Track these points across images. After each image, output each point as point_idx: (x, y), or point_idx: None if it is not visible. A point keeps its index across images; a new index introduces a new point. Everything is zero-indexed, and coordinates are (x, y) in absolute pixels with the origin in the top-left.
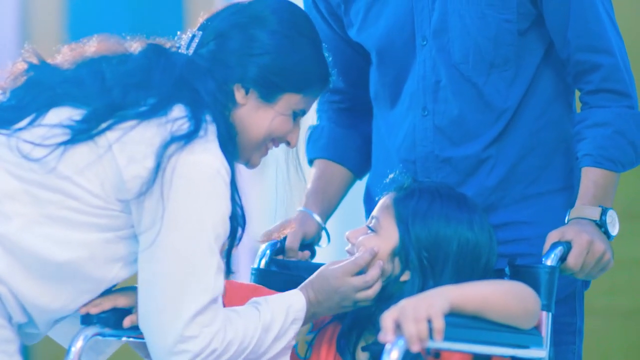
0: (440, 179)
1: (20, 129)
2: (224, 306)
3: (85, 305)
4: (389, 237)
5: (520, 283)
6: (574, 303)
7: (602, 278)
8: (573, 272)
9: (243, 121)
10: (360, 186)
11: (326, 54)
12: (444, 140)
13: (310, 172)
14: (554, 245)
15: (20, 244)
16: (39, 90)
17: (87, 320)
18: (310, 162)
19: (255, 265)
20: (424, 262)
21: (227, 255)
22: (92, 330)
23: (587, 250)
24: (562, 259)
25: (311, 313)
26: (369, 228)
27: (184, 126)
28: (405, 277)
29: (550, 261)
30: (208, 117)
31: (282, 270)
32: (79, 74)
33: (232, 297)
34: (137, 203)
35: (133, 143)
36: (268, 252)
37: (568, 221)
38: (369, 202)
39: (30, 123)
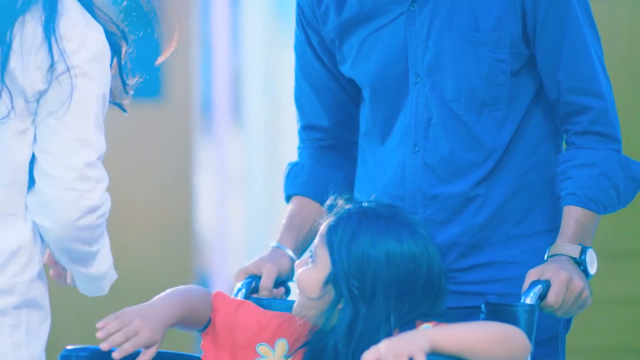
0: (428, 216)
1: None
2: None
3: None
4: (323, 266)
5: (512, 327)
6: (557, 343)
7: (580, 317)
8: (552, 310)
9: None
10: None
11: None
12: (433, 178)
13: (286, 208)
14: (533, 284)
15: None
16: None
17: (66, 359)
18: (288, 199)
19: None
20: (352, 289)
21: (121, 74)
22: None
23: (566, 288)
24: (541, 297)
25: None
26: (311, 258)
27: None
28: (340, 305)
29: (529, 300)
30: None
31: None
32: None
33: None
34: None
35: None
36: (243, 290)
37: (547, 258)
38: None
39: None
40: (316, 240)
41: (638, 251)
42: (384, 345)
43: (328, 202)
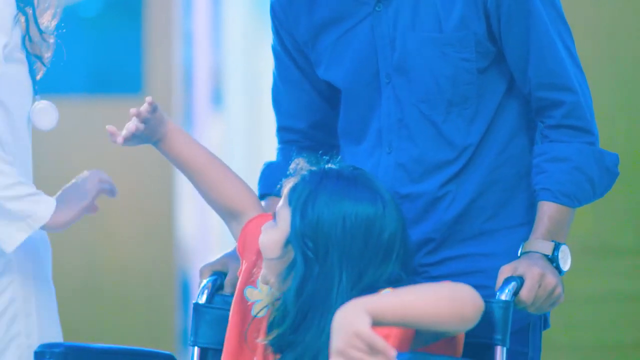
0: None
1: None
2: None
3: None
4: (284, 227)
5: (459, 284)
6: (527, 334)
7: (562, 314)
8: (525, 306)
9: None
10: None
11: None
12: (405, 177)
13: None
14: (508, 280)
15: None
16: None
17: (40, 356)
18: (261, 197)
19: (196, 300)
20: (306, 250)
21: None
22: None
23: (538, 284)
24: (515, 293)
25: None
26: (274, 220)
27: None
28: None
29: (504, 296)
30: None
31: (223, 306)
32: None
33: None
34: None
35: None
36: (209, 286)
37: (521, 254)
38: None
39: None
40: (280, 202)
41: (619, 248)
42: (337, 342)
43: (292, 166)
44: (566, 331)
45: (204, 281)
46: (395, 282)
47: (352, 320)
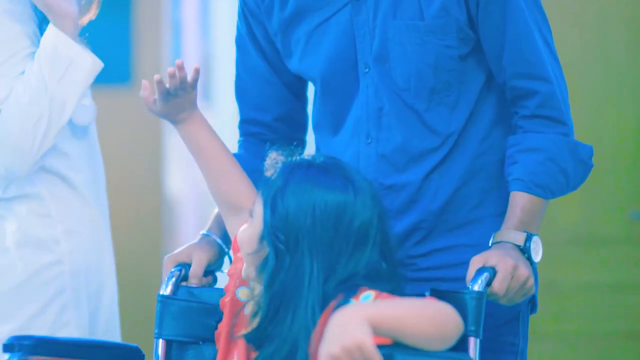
0: (385, 206)
1: None
2: None
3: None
4: (258, 221)
5: (445, 306)
6: (517, 324)
7: (550, 304)
8: (497, 297)
9: None
10: None
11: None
12: (388, 168)
13: None
14: (480, 271)
15: None
16: None
17: (9, 348)
18: None
19: (161, 292)
20: (277, 243)
21: None
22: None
23: (511, 275)
24: (487, 284)
25: None
26: (250, 216)
27: None
28: None
29: (477, 287)
30: None
31: (188, 298)
32: None
33: None
34: None
35: None
36: (174, 278)
37: (492, 244)
38: None
39: None
40: (256, 197)
41: (608, 238)
42: (333, 348)
43: (268, 161)
44: (554, 321)
45: (168, 272)
46: (376, 276)
47: (355, 330)
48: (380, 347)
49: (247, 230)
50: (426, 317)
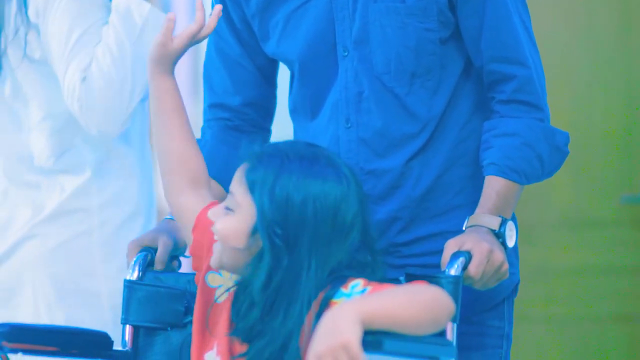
0: (365, 192)
1: None
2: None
3: None
4: (247, 214)
5: (435, 290)
6: (503, 308)
7: (540, 287)
8: (472, 282)
9: None
10: None
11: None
12: (368, 152)
13: None
14: (456, 255)
15: None
16: None
17: None
18: None
19: (129, 277)
20: (275, 239)
21: None
22: None
23: (487, 260)
24: (463, 268)
25: None
26: (227, 208)
27: None
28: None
29: (453, 271)
30: None
31: (155, 283)
32: None
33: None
34: None
35: None
36: (140, 262)
37: (466, 228)
38: None
39: None
40: (233, 187)
41: (597, 221)
42: (319, 346)
43: (244, 151)
44: (544, 304)
45: (134, 257)
46: (359, 264)
47: (344, 329)
48: (368, 332)
49: (232, 223)
50: (417, 304)
